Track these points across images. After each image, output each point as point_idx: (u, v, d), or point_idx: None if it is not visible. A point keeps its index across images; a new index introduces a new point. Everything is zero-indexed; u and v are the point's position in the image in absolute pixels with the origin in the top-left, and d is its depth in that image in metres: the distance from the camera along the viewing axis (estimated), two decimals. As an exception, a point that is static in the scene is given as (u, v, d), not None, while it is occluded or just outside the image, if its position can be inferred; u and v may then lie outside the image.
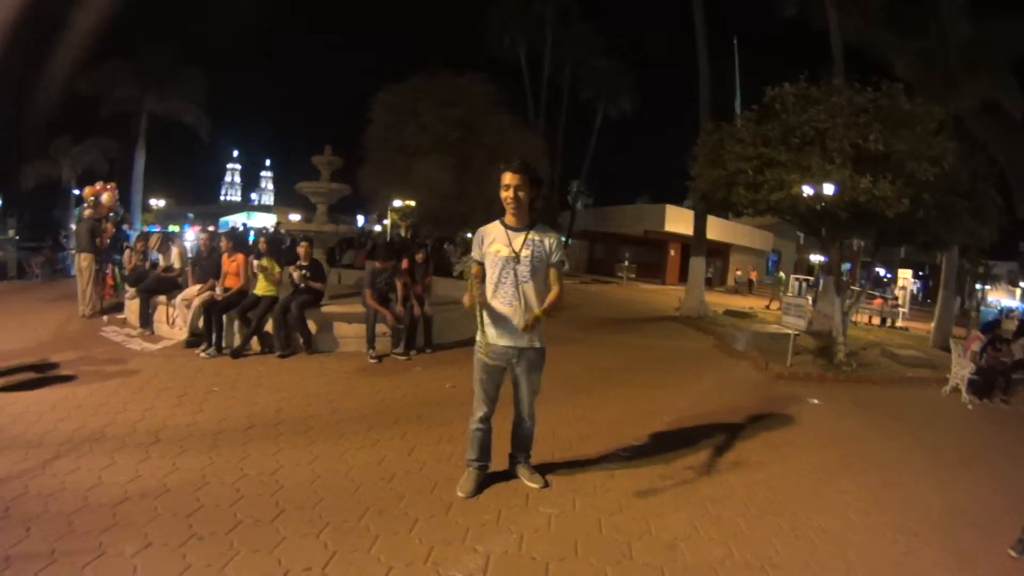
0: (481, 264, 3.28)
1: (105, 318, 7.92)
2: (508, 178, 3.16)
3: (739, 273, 28.22)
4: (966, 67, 11.68)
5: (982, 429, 6.36)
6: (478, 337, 3.33)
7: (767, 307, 18.85)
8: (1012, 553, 3.29)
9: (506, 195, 3.18)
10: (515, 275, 3.21)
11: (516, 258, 3.19)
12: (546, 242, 3.27)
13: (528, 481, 3.64)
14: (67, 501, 2.98)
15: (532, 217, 3.29)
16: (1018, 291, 37.27)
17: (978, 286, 32.47)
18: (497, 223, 3.29)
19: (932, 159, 7.37)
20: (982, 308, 27.58)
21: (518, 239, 3.21)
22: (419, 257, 7.73)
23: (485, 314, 3.26)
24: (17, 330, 6.99)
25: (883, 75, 8.09)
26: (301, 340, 6.73)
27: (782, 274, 21.77)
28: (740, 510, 3.55)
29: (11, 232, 16.65)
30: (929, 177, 7.31)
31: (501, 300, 3.25)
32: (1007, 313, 26.86)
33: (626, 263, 26.35)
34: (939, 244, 10.36)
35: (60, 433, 3.86)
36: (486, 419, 3.45)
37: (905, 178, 7.35)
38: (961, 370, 7.64)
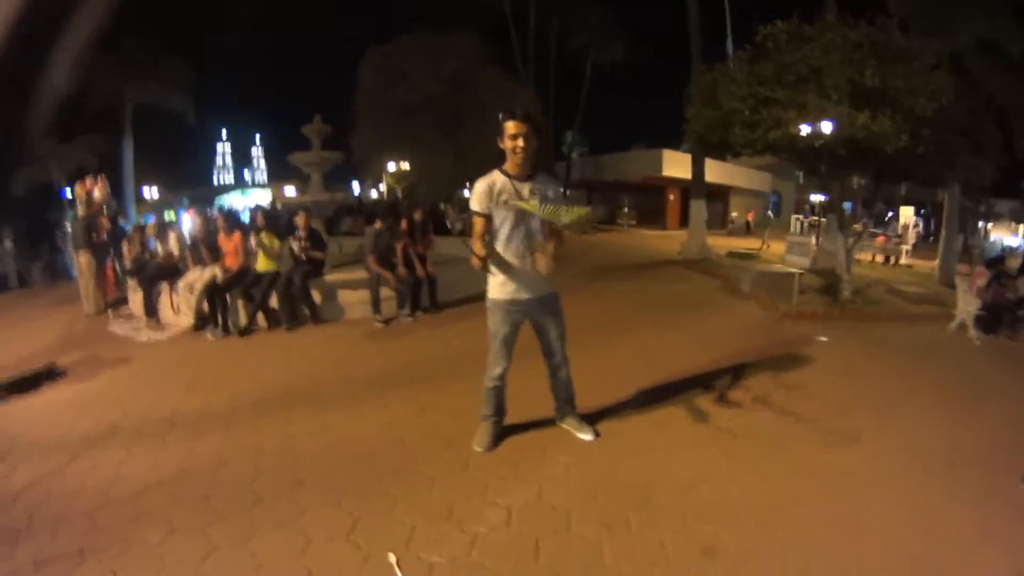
0: (486, 217, 3.15)
1: (111, 313, 7.89)
2: (514, 127, 3.05)
3: (735, 215, 28.04)
4: (961, 4, 11.39)
5: (990, 365, 6.30)
6: (492, 295, 3.29)
7: (759, 249, 18.63)
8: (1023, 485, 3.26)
9: (513, 144, 3.07)
10: (527, 227, 3.16)
11: (527, 210, 3.10)
12: (550, 190, 3.21)
13: (578, 433, 3.64)
14: (89, 499, 2.99)
15: (534, 166, 3.22)
16: (1021, 228, 37.06)
17: (980, 223, 32.28)
18: (498, 174, 3.17)
19: (930, 94, 7.23)
20: (986, 245, 27.45)
21: (525, 189, 3.14)
22: (417, 216, 7.67)
23: (499, 269, 3.22)
24: (24, 337, 6.91)
25: (876, 11, 7.92)
26: (307, 311, 6.75)
27: (771, 214, 21.66)
28: (756, 449, 3.56)
29: (7, 243, 16.52)
30: (928, 112, 7.18)
31: (514, 253, 3.19)
32: (1009, 251, 26.74)
33: (626, 210, 26.22)
34: (939, 181, 10.24)
35: (76, 433, 3.86)
36: (503, 376, 3.42)
37: (904, 114, 7.23)
38: (968, 306, 7.58)
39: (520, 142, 3.06)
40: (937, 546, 2.69)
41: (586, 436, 3.61)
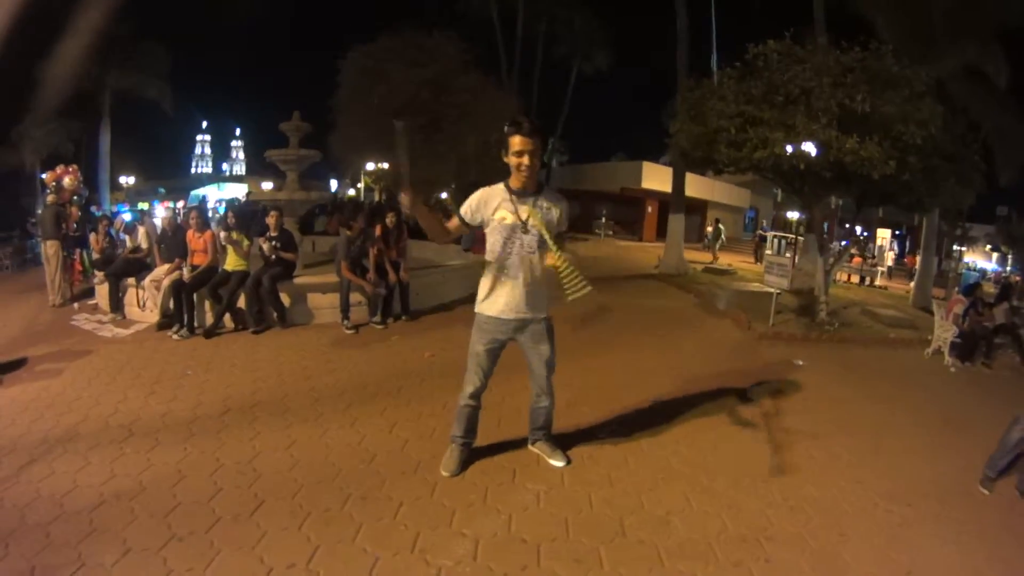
0: (463, 223, 3.03)
1: (76, 305, 7.65)
2: (519, 143, 2.83)
3: (710, 230, 28.00)
4: (951, 32, 11.54)
5: (965, 393, 6.36)
6: (477, 307, 3.16)
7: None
8: (983, 491, 3.43)
9: (519, 161, 2.88)
10: (521, 245, 2.99)
11: (524, 227, 2.96)
12: (554, 211, 3.05)
13: (549, 459, 3.51)
14: (44, 510, 2.84)
15: (539, 182, 3.05)
16: (995, 255, 37.83)
17: (955, 247, 32.94)
18: (502, 187, 3.00)
19: (920, 122, 7.29)
20: (963, 271, 27.97)
21: (524, 206, 2.97)
22: (390, 221, 7.52)
23: (489, 284, 3.09)
24: (-13, 328, 6.63)
25: (867, 35, 7.99)
26: (275, 314, 6.57)
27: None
28: (732, 480, 3.49)
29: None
30: (916, 140, 7.25)
31: (507, 272, 3.04)
32: (984, 277, 27.26)
33: (603, 220, 26.25)
34: (922, 206, 10.39)
35: (34, 436, 3.68)
36: (477, 395, 3.27)
37: (892, 140, 7.28)
38: (944, 333, 7.67)
39: (525, 159, 2.87)
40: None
41: (558, 463, 3.49)
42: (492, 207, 2.99)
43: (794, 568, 2.69)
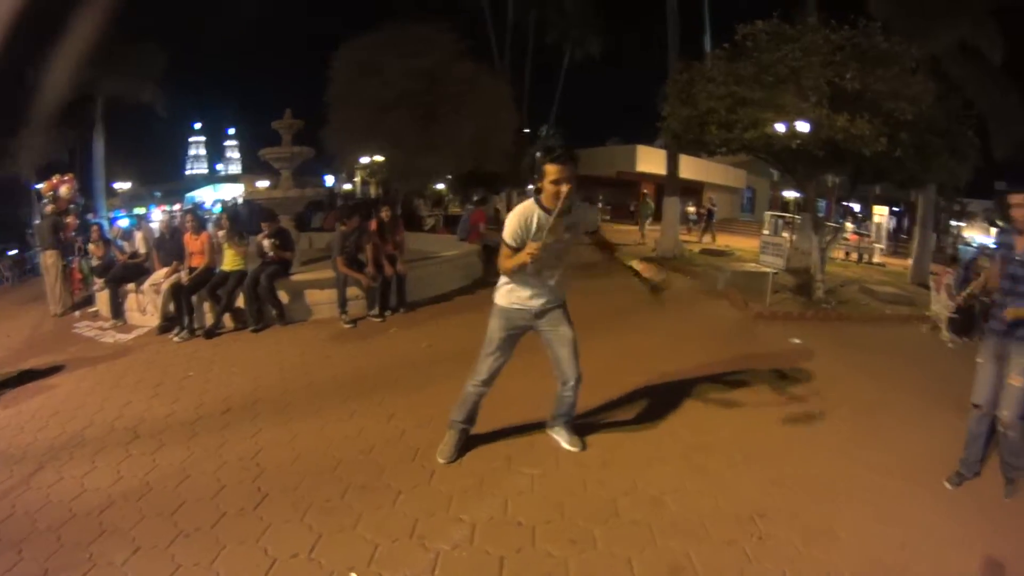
0: (514, 251, 3.02)
1: (78, 313, 7.72)
2: (556, 172, 2.84)
3: (691, 210, 27.37)
4: (944, 7, 11.44)
5: (963, 369, 6.30)
6: (499, 301, 3.24)
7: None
8: (947, 485, 3.36)
9: (556, 190, 2.86)
10: (558, 257, 3.15)
11: (560, 240, 3.07)
12: (581, 222, 3.19)
13: (567, 444, 3.57)
14: (54, 515, 2.92)
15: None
16: (993, 230, 37.51)
17: (953, 223, 32.70)
18: (535, 206, 3.00)
19: (910, 99, 7.26)
20: (960, 246, 27.79)
21: (559, 224, 3.00)
22: (385, 215, 7.58)
23: (518, 279, 3.19)
24: (-10, 340, 6.68)
25: (858, 13, 7.94)
26: (274, 312, 6.64)
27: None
28: (726, 460, 3.53)
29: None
30: (907, 117, 7.22)
31: (541, 274, 3.15)
32: (982, 250, 26.94)
33: (600, 205, 26.04)
34: (916, 183, 10.35)
35: (41, 444, 3.77)
36: (490, 381, 3.34)
37: (883, 117, 7.26)
38: (941, 309, 7.62)
39: (564, 187, 2.86)
40: (911, 558, 2.68)
41: (575, 448, 3.55)
42: (533, 231, 2.99)
43: (787, 544, 2.72)
